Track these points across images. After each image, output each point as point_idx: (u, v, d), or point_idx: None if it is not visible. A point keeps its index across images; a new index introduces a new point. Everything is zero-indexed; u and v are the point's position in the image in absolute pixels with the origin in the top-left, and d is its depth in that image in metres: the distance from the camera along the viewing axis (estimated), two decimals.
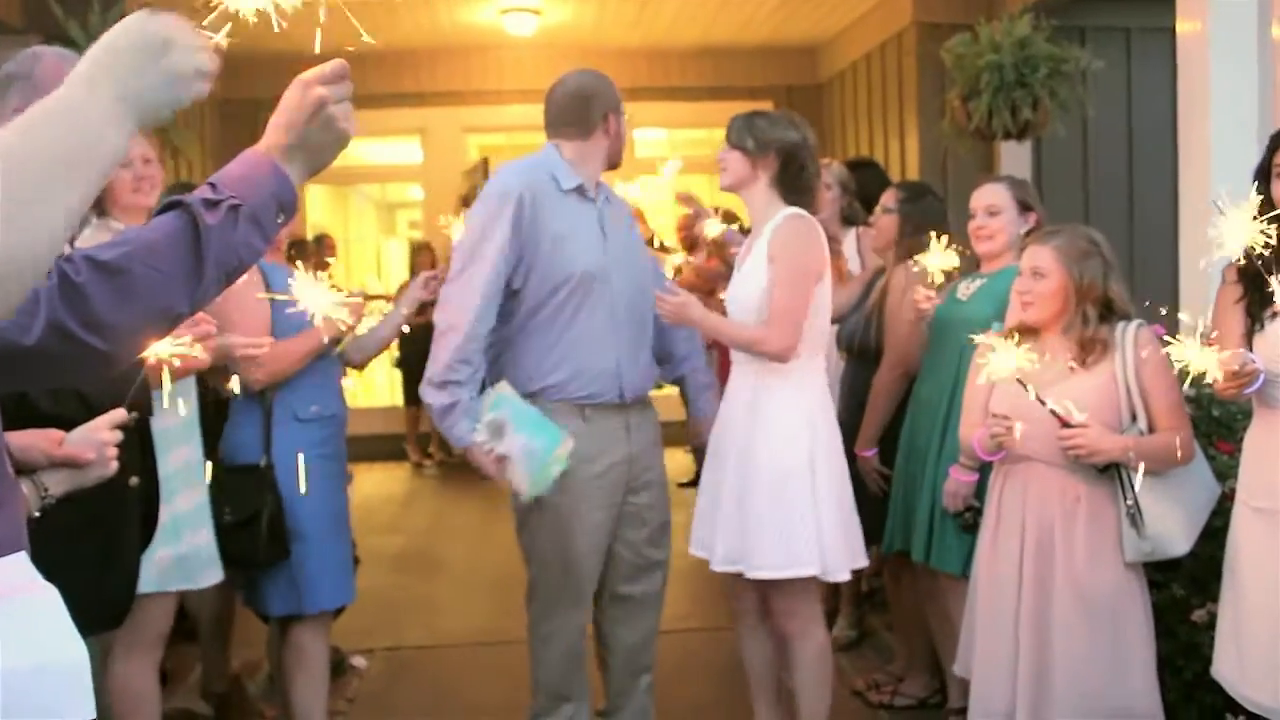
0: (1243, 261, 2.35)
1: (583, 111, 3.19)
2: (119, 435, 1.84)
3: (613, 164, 3.29)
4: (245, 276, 1.39)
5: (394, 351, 9.01)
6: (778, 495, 3.04)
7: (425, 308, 3.48)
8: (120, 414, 1.86)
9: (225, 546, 3.07)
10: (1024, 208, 3.46)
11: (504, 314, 3.11)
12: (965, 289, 3.48)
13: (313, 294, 2.13)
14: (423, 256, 8.81)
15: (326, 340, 3.16)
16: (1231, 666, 2.66)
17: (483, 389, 3.09)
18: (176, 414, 2.88)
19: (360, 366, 3.66)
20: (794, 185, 3.16)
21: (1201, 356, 2.37)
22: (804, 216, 3.14)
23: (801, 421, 3.09)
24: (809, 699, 3.18)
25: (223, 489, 3.10)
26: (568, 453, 2.96)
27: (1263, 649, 2.55)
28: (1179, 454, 2.75)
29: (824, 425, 3.14)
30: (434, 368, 3.06)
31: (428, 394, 3.09)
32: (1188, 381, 2.44)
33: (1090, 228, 2.99)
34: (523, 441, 2.94)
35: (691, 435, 3.60)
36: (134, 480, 2.45)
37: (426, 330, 3.19)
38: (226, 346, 2.81)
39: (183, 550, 2.91)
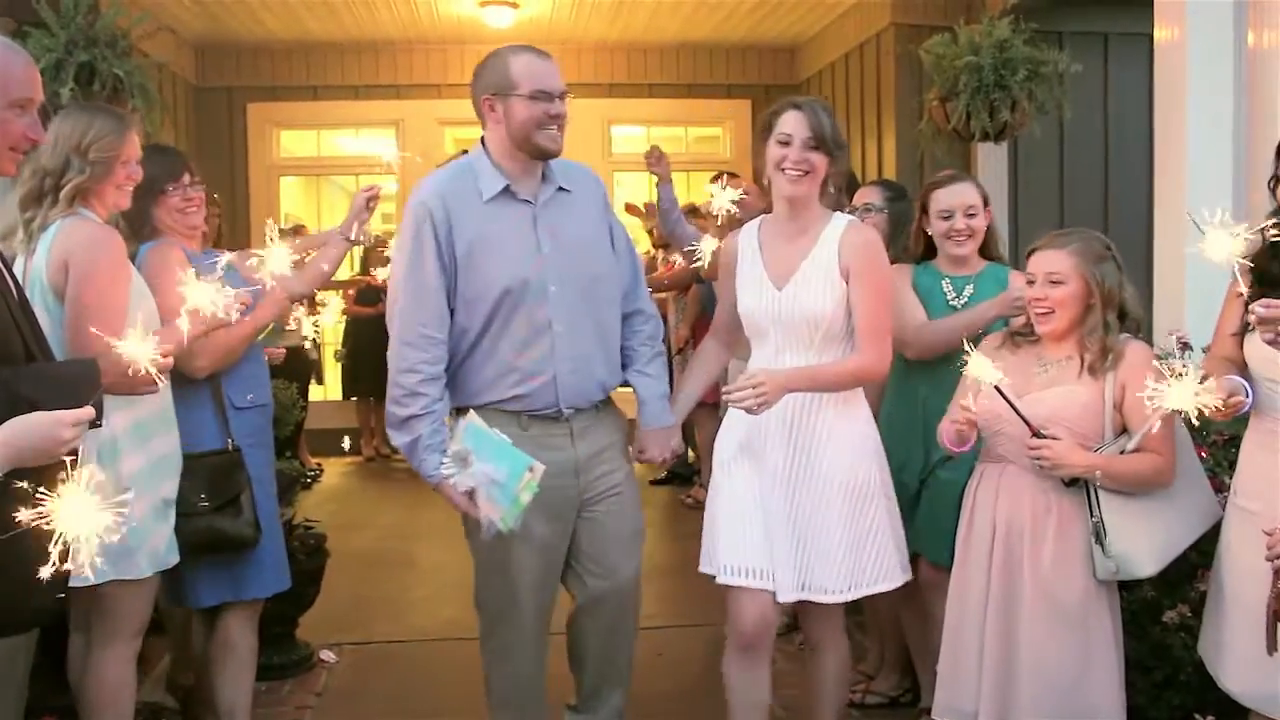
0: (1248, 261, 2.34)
1: (473, 98, 2.90)
2: (81, 432, 1.82)
3: (532, 153, 2.87)
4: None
5: (337, 345, 8.90)
6: (858, 513, 2.94)
7: (374, 300, 3.41)
8: (89, 412, 1.83)
9: (209, 532, 3.06)
10: (984, 203, 3.51)
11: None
12: (955, 297, 3.45)
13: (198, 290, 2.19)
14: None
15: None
16: (1211, 648, 2.75)
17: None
18: (155, 403, 2.85)
19: (297, 299, 3.55)
20: (824, 191, 3.03)
21: (1184, 394, 2.38)
22: (865, 225, 3.09)
23: (870, 433, 3.02)
24: (830, 709, 3.14)
25: (193, 475, 3.06)
26: (537, 479, 2.75)
27: (1239, 639, 2.62)
28: (1156, 478, 2.72)
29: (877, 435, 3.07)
30: (388, 405, 2.90)
31: (392, 436, 2.92)
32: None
33: (1097, 232, 2.91)
34: (488, 471, 2.74)
35: (636, 449, 3.16)
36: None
37: (368, 325, 3.12)
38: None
39: (169, 535, 2.94)
